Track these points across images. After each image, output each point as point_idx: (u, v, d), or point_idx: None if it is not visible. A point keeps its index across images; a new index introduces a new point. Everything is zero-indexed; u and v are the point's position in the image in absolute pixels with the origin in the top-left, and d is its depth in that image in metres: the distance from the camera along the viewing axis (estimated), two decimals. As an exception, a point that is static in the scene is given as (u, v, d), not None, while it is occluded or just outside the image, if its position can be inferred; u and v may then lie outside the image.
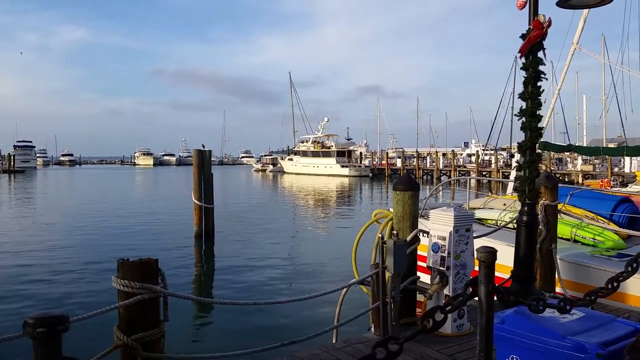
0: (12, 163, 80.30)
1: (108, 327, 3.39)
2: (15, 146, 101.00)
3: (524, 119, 5.35)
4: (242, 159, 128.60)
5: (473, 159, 66.22)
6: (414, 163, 68.84)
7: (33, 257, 14.32)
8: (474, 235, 5.43)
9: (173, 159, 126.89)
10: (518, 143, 5.52)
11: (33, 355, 2.26)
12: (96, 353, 3.16)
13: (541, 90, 5.34)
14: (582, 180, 41.54)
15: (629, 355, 2.12)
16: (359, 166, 69.92)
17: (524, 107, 5.36)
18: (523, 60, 5.32)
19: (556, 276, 6.53)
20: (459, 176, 52.01)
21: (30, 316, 2.26)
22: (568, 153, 45.56)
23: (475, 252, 4.57)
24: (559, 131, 62.83)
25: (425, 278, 5.54)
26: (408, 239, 5.27)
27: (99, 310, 3.19)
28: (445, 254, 5.04)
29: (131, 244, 16.58)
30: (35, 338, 2.23)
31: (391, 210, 5.73)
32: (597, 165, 50.59)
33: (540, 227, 6.32)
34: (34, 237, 17.97)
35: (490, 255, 2.59)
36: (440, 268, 5.06)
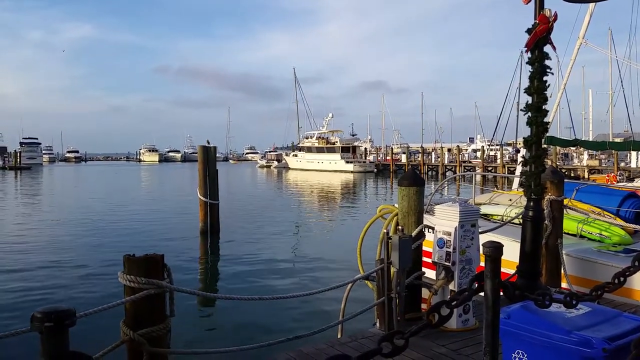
0: (18, 160, 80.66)
1: (114, 323, 3.41)
2: (21, 143, 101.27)
3: (529, 113, 5.32)
4: (247, 155, 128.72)
5: (478, 154, 66.05)
6: (419, 159, 68.70)
7: (40, 253, 14.41)
8: (480, 230, 5.42)
9: (178, 155, 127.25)
10: (524, 138, 5.50)
11: (40, 350, 2.27)
12: (103, 348, 3.18)
13: (547, 84, 5.31)
14: (588, 175, 41.35)
15: (636, 350, 2.11)
16: (364, 162, 69.83)
17: (530, 101, 5.34)
18: (529, 54, 5.29)
19: (562, 271, 6.51)
20: (464, 172, 51.88)
21: (38, 311, 2.28)
22: (574, 148, 45.39)
23: (480, 248, 4.57)
24: (565, 126, 62.43)
25: (430, 273, 5.54)
26: (413, 234, 5.27)
27: (105, 306, 3.20)
28: (451, 250, 5.03)
29: (137, 239, 16.66)
30: (43, 332, 2.24)
31: (396, 205, 5.73)
32: (603, 160, 50.31)
33: (546, 222, 6.30)
34: (40, 234, 18.08)
35: (496, 250, 2.58)
36: (446, 263, 5.06)
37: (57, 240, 16.52)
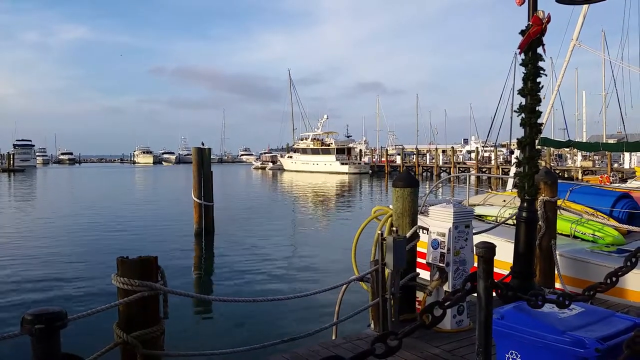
0: (11, 162, 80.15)
1: (108, 325, 3.39)
2: (14, 145, 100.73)
3: (523, 115, 5.34)
4: (242, 157, 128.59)
5: (473, 155, 66.23)
6: (414, 160, 68.85)
7: (33, 255, 14.32)
8: (474, 231, 5.43)
9: (172, 157, 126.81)
10: (517, 139, 5.52)
11: (32, 352, 2.26)
12: (96, 351, 3.16)
13: (540, 86, 5.32)
14: (582, 176, 41.55)
15: (628, 350, 2.12)
16: (359, 163, 69.92)
17: (524, 103, 5.36)
18: (522, 56, 5.32)
19: (556, 272, 6.53)
20: (458, 173, 52.00)
21: (29, 313, 2.26)
22: (568, 149, 45.59)
23: (474, 248, 4.57)
24: (559, 127, 62.73)
25: (424, 274, 5.55)
26: (407, 235, 5.27)
27: (98, 308, 3.19)
28: (445, 250, 5.04)
29: (131, 241, 16.59)
30: (34, 335, 2.23)
31: (391, 207, 5.74)
32: (596, 161, 50.60)
33: (540, 223, 6.32)
34: (33, 236, 17.97)
35: (488, 250, 2.58)
36: (440, 264, 5.07)
37: (50, 243, 16.42)
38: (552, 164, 49.48)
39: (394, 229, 5.39)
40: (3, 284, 11.15)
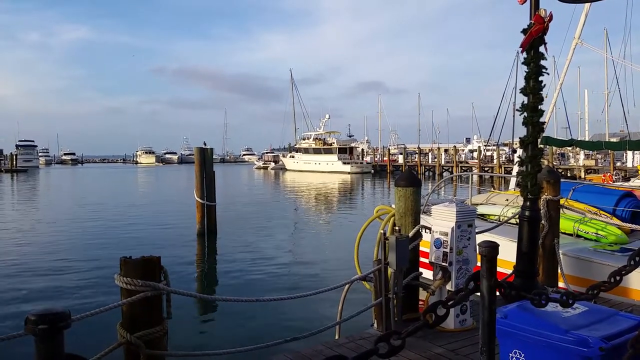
0: (14, 162, 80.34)
1: (111, 325, 3.39)
2: (17, 146, 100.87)
3: (525, 113, 5.34)
4: (244, 157, 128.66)
5: (475, 154, 66.17)
6: (416, 159, 68.80)
7: (36, 255, 14.35)
8: (477, 230, 5.42)
9: (175, 157, 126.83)
10: (520, 138, 5.51)
11: (35, 353, 2.26)
12: (100, 351, 3.16)
13: (543, 85, 5.32)
14: (585, 175, 41.46)
15: (632, 349, 2.12)
16: (361, 163, 69.92)
17: (526, 102, 5.35)
18: (524, 55, 5.31)
19: (559, 271, 6.52)
20: (461, 172, 51.95)
21: (32, 313, 2.26)
22: (570, 148, 45.50)
23: (477, 248, 4.57)
24: (561, 126, 62.67)
25: (427, 274, 5.54)
26: (410, 234, 5.27)
27: (102, 308, 3.19)
28: (448, 250, 5.03)
29: (134, 241, 16.62)
30: (37, 335, 2.23)
31: (393, 206, 5.73)
32: (599, 160, 50.45)
33: (543, 222, 6.31)
34: (37, 236, 18.01)
35: (491, 249, 2.58)
36: (443, 264, 5.06)
37: (53, 243, 16.46)
38: (554, 163, 49.40)
39: (397, 228, 5.39)
40: (7, 285, 11.18)
